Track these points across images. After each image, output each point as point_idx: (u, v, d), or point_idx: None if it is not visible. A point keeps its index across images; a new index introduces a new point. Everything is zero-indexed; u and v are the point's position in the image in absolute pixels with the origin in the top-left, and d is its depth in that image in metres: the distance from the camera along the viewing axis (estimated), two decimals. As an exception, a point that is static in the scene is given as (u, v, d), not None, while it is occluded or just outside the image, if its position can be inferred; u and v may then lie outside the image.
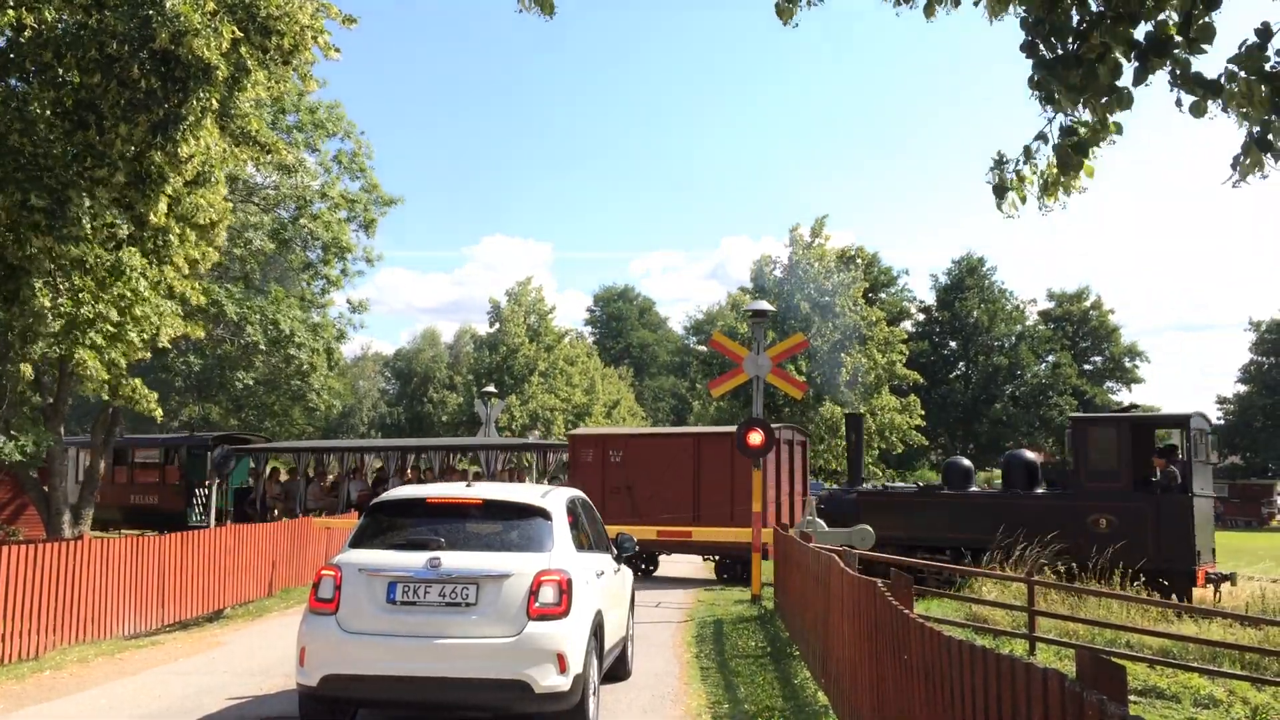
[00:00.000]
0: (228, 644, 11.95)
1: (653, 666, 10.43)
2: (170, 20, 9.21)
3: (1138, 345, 65.71)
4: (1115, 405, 60.79)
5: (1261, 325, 65.96)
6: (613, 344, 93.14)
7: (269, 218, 24.13)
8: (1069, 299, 66.39)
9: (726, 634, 12.84)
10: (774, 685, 9.64)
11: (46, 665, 10.39)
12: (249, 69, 10.54)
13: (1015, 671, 3.49)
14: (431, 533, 7.33)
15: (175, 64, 9.45)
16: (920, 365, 50.31)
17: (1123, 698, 2.98)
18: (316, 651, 6.97)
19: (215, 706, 8.55)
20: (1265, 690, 11.82)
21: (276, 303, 23.07)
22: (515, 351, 56.38)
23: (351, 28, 11.93)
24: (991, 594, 14.94)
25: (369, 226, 25.72)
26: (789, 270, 40.02)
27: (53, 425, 19.72)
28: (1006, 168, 5.70)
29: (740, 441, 15.61)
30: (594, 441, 21.47)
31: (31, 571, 10.87)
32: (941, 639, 4.43)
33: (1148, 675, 12.27)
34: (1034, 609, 13.04)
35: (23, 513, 26.96)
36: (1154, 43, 5.09)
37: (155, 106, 9.56)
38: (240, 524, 16.96)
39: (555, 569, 7.08)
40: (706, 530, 19.39)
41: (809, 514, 16.41)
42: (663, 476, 20.05)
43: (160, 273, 12.27)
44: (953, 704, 4.20)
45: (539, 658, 6.80)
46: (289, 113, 23.60)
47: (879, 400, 40.05)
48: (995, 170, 5.69)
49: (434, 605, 6.92)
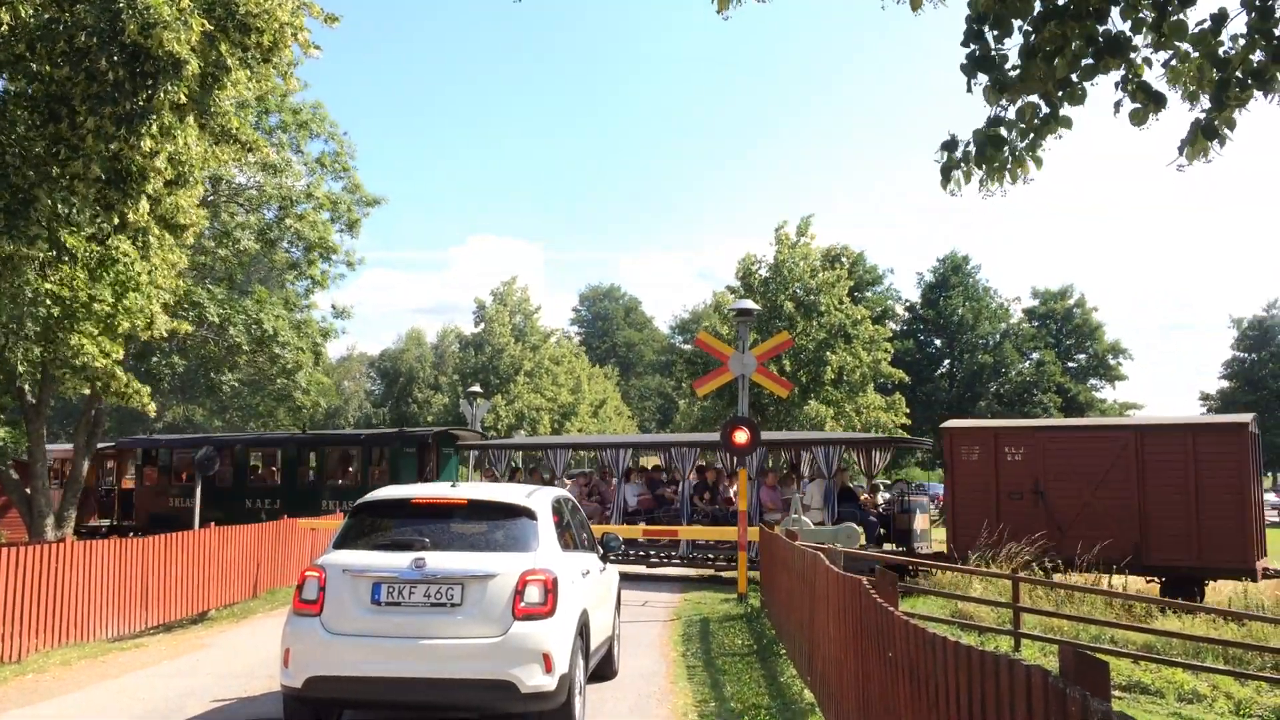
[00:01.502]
0: (212, 646, 11.88)
1: (639, 666, 10.42)
2: (140, 13, 9.15)
3: (1121, 343, 66.01)
4: (1099, 403, 61.17)
5: (1243, 322, 66.64)
6: (599, 343, 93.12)
7: (254, 218, 24.02)
8: (1053, 297, 66.64)
9: (713, 633, 12.84)
10: (760, 683, 9.64)
11: (29, 668, 10.32)
12: (229, 67, 10.47)
13: (999, 668, 3.49)
14: (416, 533, 7.30)
15: (144, 57, 9.39)
16: (905, 363, 50.40)
17: (1106, 693, 2.98)
18: (301, 653, 6.93)
19: (199, 709, 8.50)
20: (1248, 685, 11.90)
21: (260, 303, 22.96)
22: (501, 351, 56.30)
23: (333, 26, 11.86)
24: (977, 591, 14.99)
25: (353, 227, 25.64)
26: (774, 269, 40.05)
27: (34, 426, 19.63)
28: (955, 151, 5.78)
29: (725, 440, 15.61)
30: (982, 436, 18.44)
31: (13, 574, 10.80)
32: (925, 636, 4.43)
33: (1132, 671, 12.34)
34: (1019, 605, 13.09)
35: (5, 515, 26.83)
36: (1111, 41, 5.12)
37: (122, 99, 9.49)
38: (226, 525, 16.81)
39: (540, 569, 7.06)
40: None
41: (794, 512, 16.43)
42: (1089, 481, 16.85)
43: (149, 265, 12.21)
44: (937, 701, 4.20)
45: (524, 658, 6.78)
46: (272, 113, 23.50)
47: (864, 398, 40.11)
48: (944, 151, 5.77)
49: (419, 606, 6.89)
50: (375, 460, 26.17)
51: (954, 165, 5.74)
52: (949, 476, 18.53)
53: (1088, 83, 5.22)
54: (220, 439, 30.73)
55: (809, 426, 36.53)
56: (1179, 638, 12.58)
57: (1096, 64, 5.14)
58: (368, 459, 26.24)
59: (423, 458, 25.64)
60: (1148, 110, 5.18)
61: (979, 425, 20.20)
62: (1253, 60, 5.04)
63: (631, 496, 20.39)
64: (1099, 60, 5.13)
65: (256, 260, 26.48)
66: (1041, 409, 58.04)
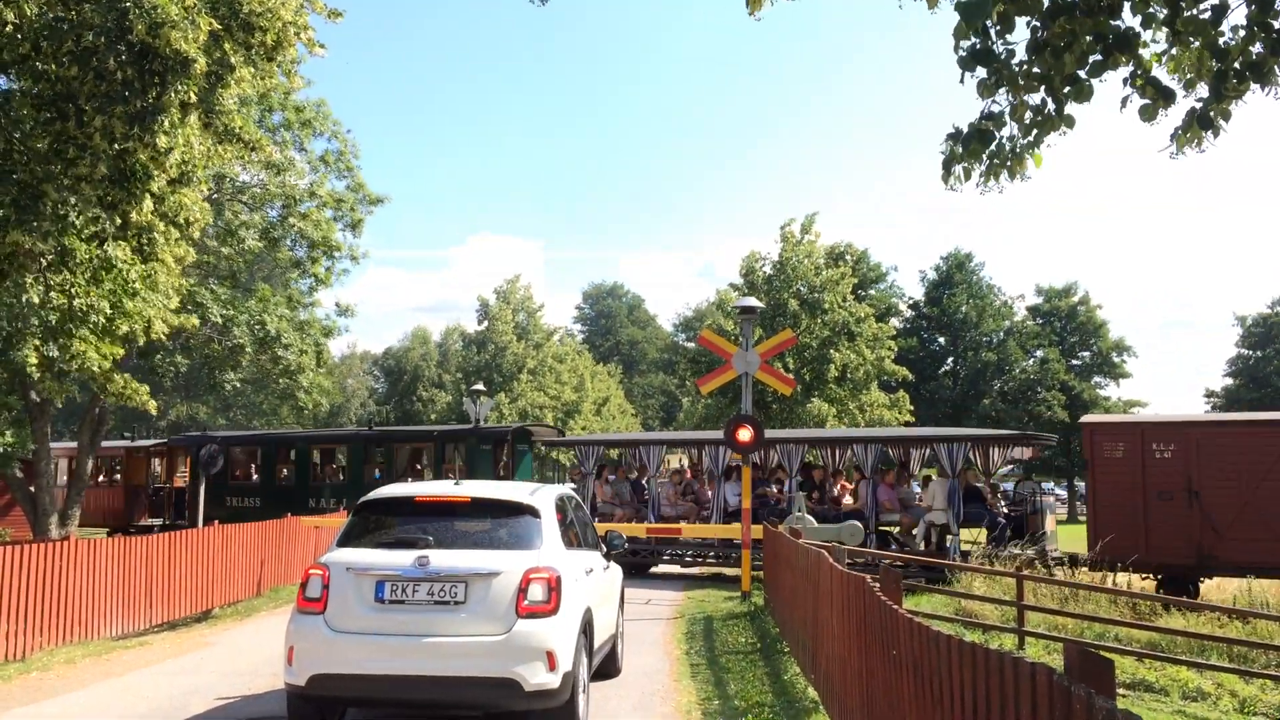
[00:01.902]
0: (216, 644, 11.90)
1: (643, 664, 10.42)
2: (147, 12, 9.15)
3: (1125, 340, 65.91)
4: (1104, 400, 61.08)
5: (1247, 320, 66.55)
6: (602, 341, 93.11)
7: (257, 216, 24.01)
8: (1057, 294, 66.51)
9: (717, 630, 12.84)
10: (764, 681, 9.64)
11: (33, 667, 10.33)
12: (233, 66, 10.47)
13: (1003, 666, 3.48)
14: (420, 531, 7.30)
15: (152, 56, 9.39)
16: (909, 361, 50.34)
17: (1110, 691, 2.98)
18: (304, 651, 6.93)
19: (203, 707, 8.51)
20: (1253, 683, 11.88)
21: (264, 302, 22.96)
22: (504, 349, 56.31)
23: (337, 22, 11.83)
24: (981, 589, 14.97)
25: (355, 226, 25.61)
26: (778, 267, 40.05)
27: (39, 425, 19.67)
28: (959, 144, 5.77)
29: (729, 438, 15.59)
30: (1127, 431, 17.45)
31: (18, 572, 10.81)
32: (929, 634, 4.42)
33: (1136, 669, 12.32)
34: (1023, 603, 13.07)
35: (8, 513, 26.88)
36: (1121, 37, 5.11)
37: (132, 98, 9.49)
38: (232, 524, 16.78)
39: (544, 567, 7.06)
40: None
41: (798, 510, 16.40)
42: (1250, 479, 15.81)
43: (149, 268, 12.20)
44: (941, 698, 4.19)
45: (528, 655, 6.78)
46: (275, 111, 23.48)
47: (868, 396, 40.10)
48: (949, 142, 5.75)
49: (422, 604, 6.89)
50: (448, 457, 25.72)
51: (955, 159, 5.73)
52: (1090, 475, 17.68)
53: (1096, 79, 5.20)
54: (283, 436, 30.36)
55: (811, 424, 36.53)
56: (1184, 635, 12.55)
57: (1105, 60, 5.13)
58: (440, 456, 25.73)
59: (497, 454, 25.24)
60: (1157, 106, 5.16)
61: (1123, 420, 19.15)
62: (1252, 52, 5.04)
63: (733, 495, 19.34)
64: (1108, 56, 5.11)
65: (260, 258, 26.45)
66: (1045, 407, 57.98)
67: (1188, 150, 5.27)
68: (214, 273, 23.99)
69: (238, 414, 61.42)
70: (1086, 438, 17.94)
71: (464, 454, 25.50)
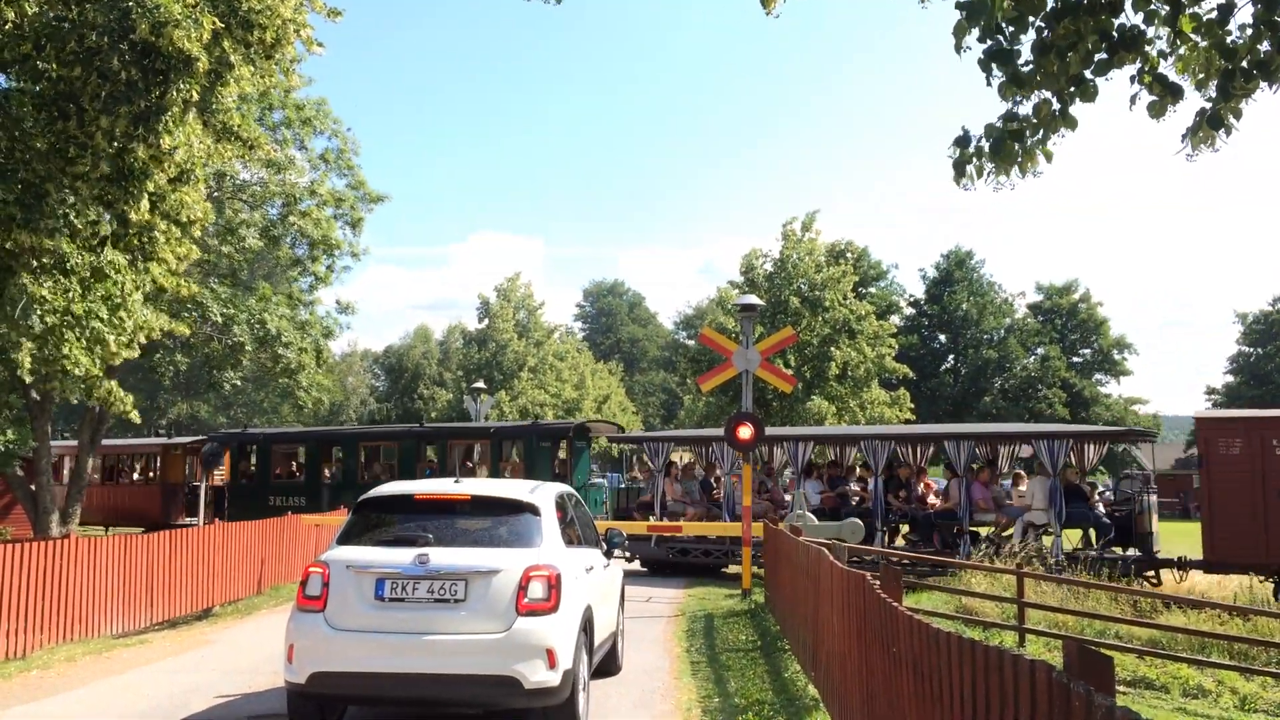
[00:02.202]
0: (216, 642, 11.90)
1: (643, 661, 10.42)
2: (150, 11, 9.15)
3: (1126, 338, 65.93)
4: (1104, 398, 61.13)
5: (1248, 317, 66.62)
6: (602, 339, 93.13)
7: (258, 214, 24.00)
8: (1057, 292, 66.54)
9: (717, 628, 12.84)
10: (764, 679, 9.64)
11: (34, 664, 10.33)
12: (232, 64, 10.47)
13: (1003, 663, 3.48)
14: (420, 529, 7.30)
15: (155, 56, 9.39)
16: (910, 359, 50.38)
17: (1110, 688, 2.97)
18: (305, 649, 6.93)
19: (203, 705, 8.52)
20: (1254, 680, 11.88)
21: (264, 300, 22.95)
22: (504, 347, 56.31)
23: (336, 21, 11.84)
24: (981, 586, 14.97)
25: (356, 224, 25.58)
26: (779, 265, 40.05)
27: (39, 423, 19.65)
28: (968, 147, 5.77)
29: (729, 435, 15.59)
30: (1244, 427, 16.57)
31: (18, 571, 10.81)
32: (929, 631, 4.42)
33: (1136, 666, 12.32)
34: (1023, 601, 13.07)
35: (10, 512, 26.87)
36: (1125, 35, 5.10)
37: (136, 98, 9.49)
38: (236, 521, 16.74)
39: (544, 564, 7.06)
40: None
41: (799, 508, 16.40)
42: None
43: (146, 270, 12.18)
44: (941, 696, 4.19)
45: (528, 653, 6.78)
46: (275, 109, 23.47)
47: (868, 394, 40.09)
48: (957, 147, 5.76)
49: (422, 602, 6.89)
50: (505, 454, 25.27)
51: (967, 160, 5.72)
52: (1203, 474, 16.88)
53: (1101, 78, 5.20)
54: (330, 433, 29.79)
55: (812, 422, 36.52)
56: (1184, 633, 12.55)
57: (1111, 59, 5.12)
58: (497, 453, 25.13)
59: (555, 451, 24.75)
60: (1165, 102, 5.16)
61: (1240, 415, 18.13)
62: (1259, 50, 5.03)
63: (814, 494, 18.93)
64: (1113, 55, 5.11)
65: (260, 257, 26.40)
66: (1046, 404, 58.03)
67: (1202, 149, 5.25)
68: (214, 271, 23.98)
69: (238, 412, 61.43)
70: (1200, 435, 17.32)
71: (521, 451, 25.09)
